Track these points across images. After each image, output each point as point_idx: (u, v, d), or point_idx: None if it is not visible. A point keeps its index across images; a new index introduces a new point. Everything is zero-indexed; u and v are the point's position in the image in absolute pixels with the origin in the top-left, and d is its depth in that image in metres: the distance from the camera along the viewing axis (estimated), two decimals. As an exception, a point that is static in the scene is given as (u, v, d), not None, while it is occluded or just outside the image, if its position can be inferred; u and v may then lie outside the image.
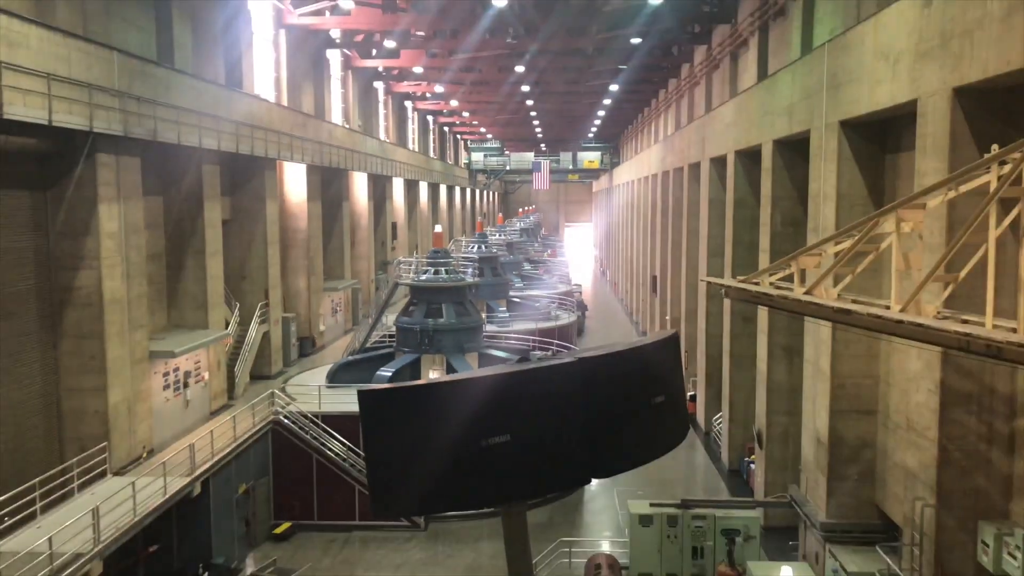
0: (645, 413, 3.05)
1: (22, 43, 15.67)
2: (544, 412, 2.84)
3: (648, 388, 3.05)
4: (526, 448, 2.84)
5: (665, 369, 3.17)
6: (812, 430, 18.49)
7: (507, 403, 2.83)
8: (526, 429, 2.84)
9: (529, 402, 2.84)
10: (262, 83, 33.35)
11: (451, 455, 2.82)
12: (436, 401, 2.83)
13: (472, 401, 2.84)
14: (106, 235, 19.06)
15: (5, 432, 16.96)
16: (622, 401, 2.95)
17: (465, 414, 2.82)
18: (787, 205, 21.80)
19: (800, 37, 22.11)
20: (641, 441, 3.08)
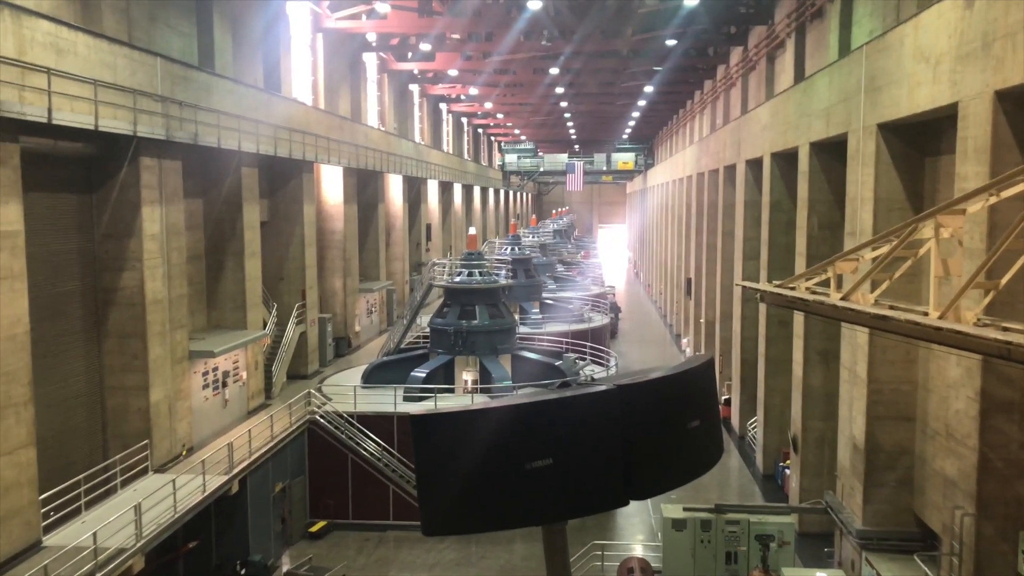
0: (681, 437, 3.13)
1: (70, 50, 16.08)
2: (585, 437, 2.94)
3: (685, 413, 3.14)
4: (568, 471, 2.95)
5: (701, 394, 3.25)
6: (848, 436, 18.30)
7: (550, 428, 2.94)
8: (568, 453, 2.95)
9: (571, 428, 2.94)
10: (300, 86, 33.79)
11: (497, 477, 2.93)
12: (484, 426, 2.94)
13: (517, 426, 2.95)
14: (148, 237, 19.47)
15: (52, 429, 17.40)
16: (659, 426, 3.04)
17: (511, 439, 2.93)
18: (824, 208, 21.60)
19: (838, 39, 21.91)
20: (677, 464, 3.17)
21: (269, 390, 27.33)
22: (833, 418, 20.80)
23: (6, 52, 14.25)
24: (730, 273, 33.89)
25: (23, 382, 15.06)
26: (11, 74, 14.35)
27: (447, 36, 40.53)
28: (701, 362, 3.29)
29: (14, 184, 14.89)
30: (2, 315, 14.48)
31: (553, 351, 31.35)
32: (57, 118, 15.44)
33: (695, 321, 44.28)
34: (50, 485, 16.22)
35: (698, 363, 3.28)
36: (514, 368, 27.58)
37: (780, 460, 26.37)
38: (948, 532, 13.51)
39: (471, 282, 28.43)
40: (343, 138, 33.87)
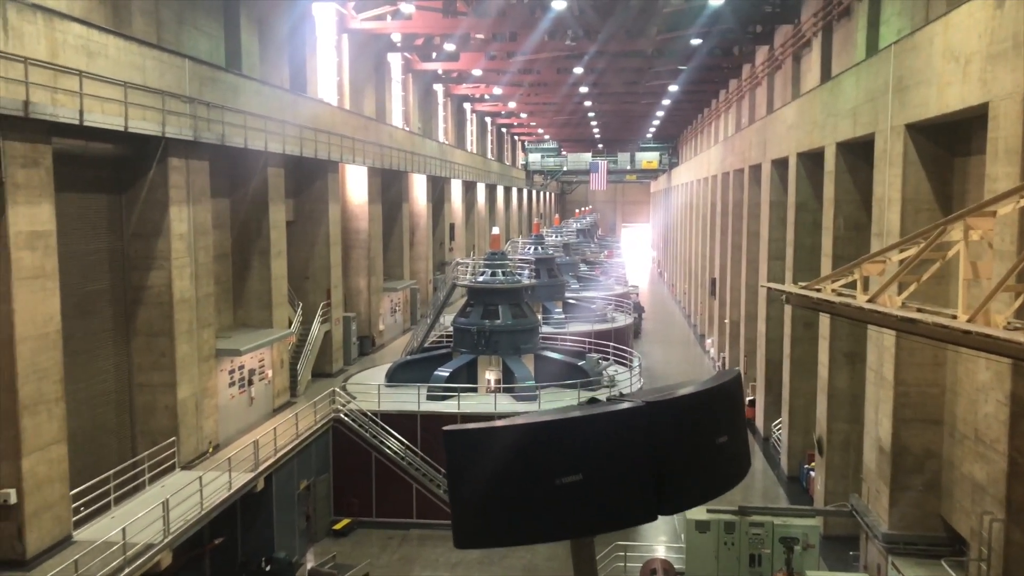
0: (709, 453, 3.17)
1: (101, 53, 16.32)
2: (614, 453, 2.98)
3: (713, 429, 3.17)
4: (597, 487, 2.99)
5: (729, 410, 3.28)
6: (874, 438, 18.14)
7: (580, 445, 2.99)
8: (597, 469, 2.99)
9: (600, 444, 2.99)
10: (325, 87, 34.02)
11: (528, 492, 2.98)
12: (515, 442, 2.99)
13: (548, 443, 3.00)
14: (176, 236, 19.70)
15: (82, 425, 17.68)
16: (687, 443, 3.08)
17: (541, 455, 2.98)
18: (850, 209, 21.42)
19: (865, 38, 21.70)
20: (705, 479, 3.20)
21: (294, 388, 27.55)
22: (859, 420, 20.62)
23: (39, 55, 14.50)
24: (755, 273, 33.69)
25: (55, 379, 15.32)
26: (44, 76, 14.59)
27: (471, 36, 40.61)
28: (729, 377, 3.32)
29: (46, 185, 15.15)
30: (35, 314, 14.74)
31: (576, 351, 31.33)
32: (88, 120, 15.68)
33: (719, 321, 44.05)
34: (80, 481, 16.49)
35: (726, 378, 3.30)
36: (537, 368, 27.61)
37: (805, 462, 26.19)
38: (976, 537, 13.36)
39: (494, 282, 28.49)
40: (368, 138, 34.06)
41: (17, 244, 14.35)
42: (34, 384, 14.74)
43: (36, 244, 14.82)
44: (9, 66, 13.79)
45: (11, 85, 13.82)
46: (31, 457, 14.67)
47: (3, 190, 14.10)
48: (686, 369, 45.82)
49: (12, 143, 14.25)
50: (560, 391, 25.82)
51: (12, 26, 13.93)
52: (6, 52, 13.73)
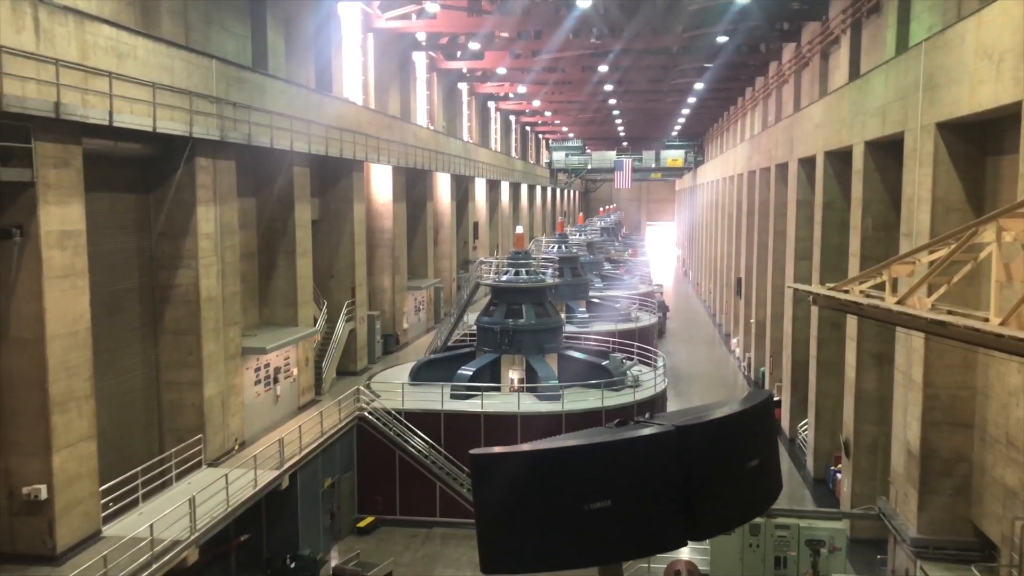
0: (740, 477, 3.09)
1: (130, 54, 16.50)
2: (643, 479, 2.92)
3: (744, 453, 3.10)
4: (626, 513, 2.92)
5: (760, 434, 3.20)
6: (903, 441, 17.91)
7: (609, 470, 2.93)
8: (626, 495, 2.92)
9: (629, 469, 2.92)
10: (350, 86, 34.17)
11: (555, 518, 2.92)
12: (543, 467, 2.93)
13: (576, 468, 2.94)
14: (203, 236, 19.88)
15: (110, 422, 17.90)
16: (718, 467, 3.00)
17: (569, 480, 2.92)
18: (879, 209, 21.15)
19: (895, 35, 21.42)
20: (735, 504, 3.13)
21: (319, 386, 27.72)
22: (887, 422, 20.36)
23: (70, 57, 14.68)
24: (781, 273, 33.39)
25: (84, 377, 15.53)
26: (74, 78, 14.78)
27: (496, 35, 40.59)
28: (760, 400, 3.25)
29: (77, 185, 15.35)
30: (65, 312, 14.94)
31: (600, 351, 31.23)
32: (118, 120, 15.85)
33: (745, 321, 43.72)
34: (109, 477, 16.70)
35: (757, 400, 3.23)
36: (560, 367, 27.56)
37: (831, 464, 25.92)
38: (1007, 543, 13.14)
39: (518, 281, 28.47)
40: (392, 137, 34.17)
41: (48, 243, 14.56)
42: (64, 382, 14.94)
43: (66, 243, 15.02)
44: (41, 68, 13.98)
45: (43, 87, 14.01)
46: (61, 454, 14.88)
47: (35, 190, 14.30)
48: (711, 370, 45.55)
49: (43, 144, 14.45)
50: (583, 391, 25.76)
51: (44, 28, 14.12)
52: (38, 54, 13.91)
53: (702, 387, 40.96)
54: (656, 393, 26.56)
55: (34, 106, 13.75)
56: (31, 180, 14.20)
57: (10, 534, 14.86)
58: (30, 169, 14.15)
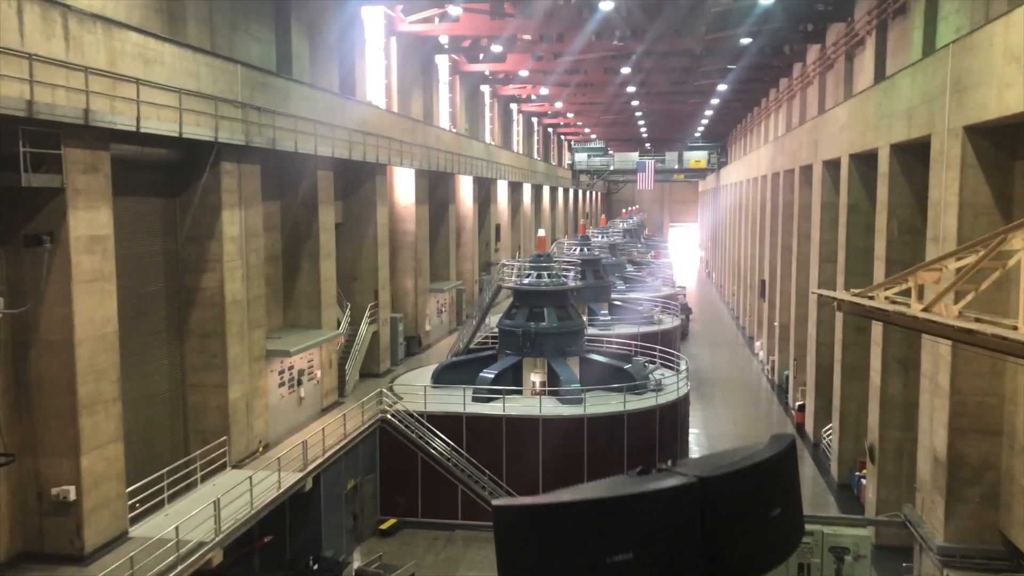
0: (763, 527, 3.07)
1: (157, 60, 16.71)
2: (665, 531, 2.91)
3: (767, 503, 3.07)
4: (648, 565, 2.92)
5: (783, 481, 3.17)
6: (929, 448, 17.71)
7: (631, 523, 2.92)
8: (648, 547, 2.91)
9: (652, 522, 2.91)
10: (373, 90, 34.34)
11: (577, 571, 2.92)
12: (565, 519, 2.92)
13: (598, 520, 2.93)
14: (228, 239, 20.07)
15: (137, 424, 18.12)
16: (741, 519, 2.98)
17: (591, 532, 2.91)
18: (905, 212, 20.94)
19: (922, 37, 21.19)
20: (758, 554, 3.11)
21: (342, 388, 27.88)
22: (912, 428, 20.15)
23: (98, 64, 14.89)
24: (805, 276, 33.14)
25: (112, 379, 15.74)
26: (103, 85, 14.99)
27: (518, 37, 40.62)
28: (783, 446, 3.21)
29: (104, 190, 15.57)
30: (93, 316, 15.16)
31: (622, 354, 31.16)
32: (145, 126, 16.05)
33: (769, 324, 43.42)
34: (136, 478, 16.91)
35: (780, 447, 3.20)
36: (582, 371, 27.53)
37: (856, 469, 25.68)
38: (1036, 553, 12.96)
39: (540, 284, 28.47)
40: (415, 140, 34.31)
41: (77, 248, 14.78)
42: (92, 384, 15.16)
43: (95, 248, 15.24)
44: (71, 75, 14.19)
45: (72, 94, 14.22)
46: (89, 455, 15.09)
47: (64, 196, 14.53)
48: (734, 373, 45.29)
49: (73, 150, 14.67)
50: (605, 394, 25.71)
51: (73, 36, 14.34)
52: (68, 62, 14.13)
53: (725, 391, 40.75)
54: (679, 397, 26.45)
55: (64, 113, 13.96)
56: (61, 186, 14.43)
57: (39, 534, 15.09)
58: (60, 175, 14.37)
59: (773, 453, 3.18)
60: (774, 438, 3.28)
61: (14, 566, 14.80)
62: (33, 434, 14.95)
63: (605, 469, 24.09)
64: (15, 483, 14.89)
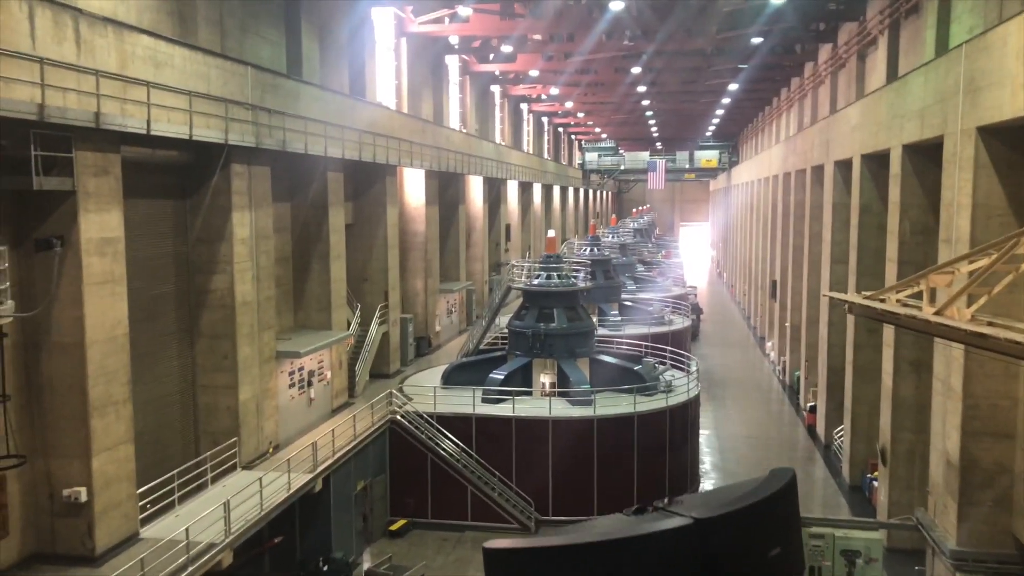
0: (760, 567, 2.99)
1: (168, 63, 16.76)
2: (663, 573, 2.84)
3: (765, 543, 2.99)
4: None
5: (782, 520, 3.08)
6: (941, 451, 17.58)
7: (627, 566, 2.86)
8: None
9: (648, 564, 2.85)
10: (384, 91, 34.37)
11: None
12: (560, 563, 2.87)
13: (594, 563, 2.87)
14: (238, 241, 20.13)
15: (147, 425, 18.19)
16: (739, 559, 2.91)
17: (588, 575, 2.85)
18: (917, 213, 20.80)
19: (935, 36, 21.04)
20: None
21: (352, 389, 27.92)
22: (925, 430, 20.03)
23: (109, 67, 14.95)
24: (817, 276, 32.99)
25: (122, 381, 15.80)
26: (114, 88, 15.04)
27: (529, 38, 40.58)
28: (782, 483, 3.13)
29: (115, 192, 15.63)
30: (104, 318, 15.22)
31: (632, 355, 31.08)
32: (155, 129, 16.11)
33: (780, 325, 43.25)
34: (146, 479, 16.98)
35: (779, 484, 3.12)
36: (592, 372, 27.47)
37: (868, 471, 25.54)
38: (1050, 558, 12.85)
39: (549, 285, 28.42)
40: (425, 141, 34.32)
41: (88, 250, 14.84)
42: (103, 386, 15.22)
43: (106, 250, 15.30)
44: (82, 79, 14.25)
45: (83, 97, 14.28)
46: (100, 457, 15.16)
47: (75, 199, 14.60)
48: (745, 374, 45.12)
49: (84, 153, 14.74)
50: (615, 396, 25.65)
51: (84, 40, 14.40)
52: (79, 65, 14.18)
53: (736, 392, 40.60)
54: (689, 398, 26.36)
55: (75, 116, 14.02)
56: (72, 189, 14.50)
57: (51, 535, 15.18)
58: (71, 178, 14.44)
59: (772, 491, 3.08)
60: (773, 473, 3.21)
61: (27, 567, 14.89)
62: (45, 436, 15.04)
63: (615, 470, 24.07)
64: (27, 484, 14.98)
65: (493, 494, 24.01)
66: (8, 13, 12.81)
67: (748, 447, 31.68)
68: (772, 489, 3.04)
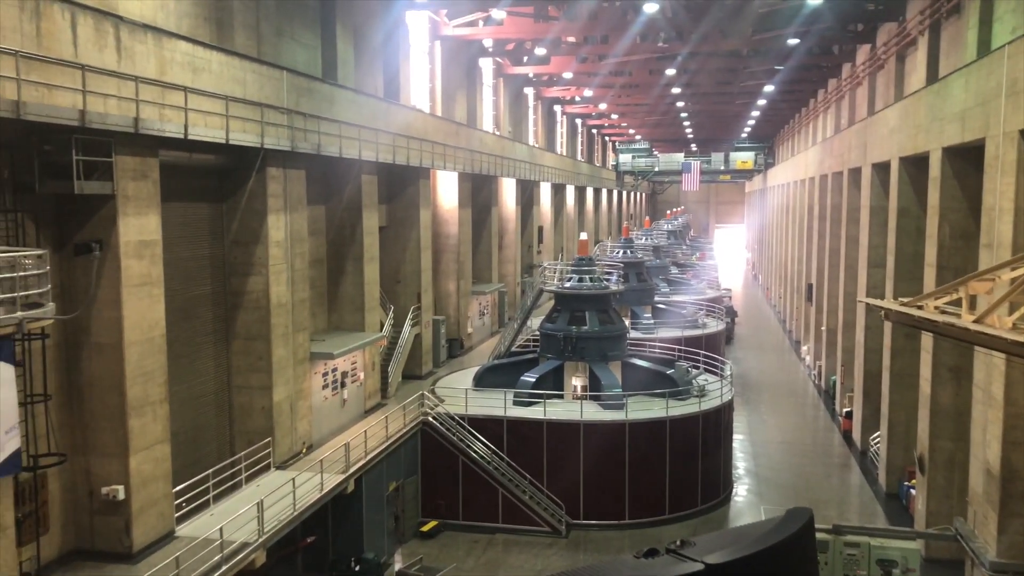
0: None
1: (205, 68, 17.02)
2: None
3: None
4: None
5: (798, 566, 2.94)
6: (982, 460, 17.23)
7: None
8: None
9: None
10: (418, 94, 34.55)
11: None
12: None
13: None
14: (273, 243, 20.36)
15: (183, 425, 18.47)
16: None
17: None
18: (957, 217, 20.42)
19: (976, 37, 20.63)
20: None
21: (385, 390, 28.09)
22: (964, 439, 19.65)
23: (148, 73, 15.21)
24: (854, 280, 32.52)
25: (159, 382, 16.07)
26: (152, 93, 15.30)
27: (563, 40, 40.53)
28: (799, 525, 2.99)
29: (153, 196, 15.91)
30: (142, 319, 15.49)
31: (665, 359, 30.88)
32: (192, 133, 16.36)
33: (816, 328, 42.71)
34: (182, 479, 17.23)
35: (796, 526, 2.98)
36: (624, 375, 27.35)
37: (905, 479, 25.11)
38: (1093, 572, 12.53)
39: (581, 288, 28.35)
40: (459, 144, 34.43)
41: (127, 253, 15.12)
42: (140, 386, 15.49)
43: (144, 253, 15.58)
44: (122, 85, 14.52)
45: (123, 103, 14.55)
46: (138, 456, 15.43)
47: (114, 202, 14.88)
48: (780, 378, 44.61)
49: (123, 157, 15.02)
50: (648, 400, 25.51)
51: (125, 46, 14.67)
52: (120, 72, 14.45)
53: (771, 396, 40.16)
54: (723, 403, 26.13)
55: (115, 122, 14.29)
56: (111, 193, 14.78)
57: (90, 532, 15.48)
58: (111, 182, 14.72)
59: (788, 534, 2.96)
60: (790, 513, 3.09)
61: (67, 563, 15.19)
62: (84, 434, 15.34)
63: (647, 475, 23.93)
64: (67, 482, 15.29)
65: (524, 497, 24.01)
66: (51, 21, 13.10)
67: (782, 452, 31.32)
68: (788, 532, 2.90)
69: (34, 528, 14.33)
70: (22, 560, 13.95)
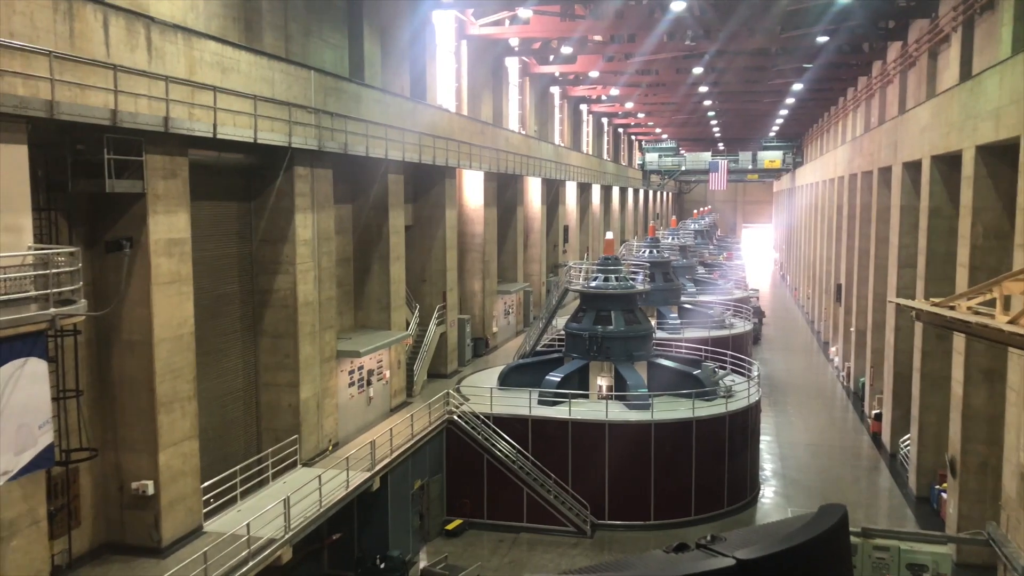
0: None
1: (234, 68, 17.17)
2: None
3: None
4: None
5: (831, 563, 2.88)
6: (1016, 464, 16.93)
7: None
8: None
9: None
10: (444, 93, 34.64)
11: None
12: None
13: None
14: (301, 242, 20.51)
15: (211, 422, 18.67)
16: None
17: None
18: (990, 217, 20.07)
19: (1011, 33, 20.28)
20: None
21: (410, 388, 28.20)
22: (997, 442, 19.31)
23: (178, 73, 15.38)
24: (883, 281, 32.11)
25: (188, 379, 16.25)
26: (182, 93, 15.47)
27: (589, 39, 40.44)
28: (833, 521, 2.93)
29: (183, 195, 16.08)
30: (171, 317, 15.67)
31: (691, 359, 30.69)
32: (221, 133, 16.51)
33: (845, 329, 42.23)
34: (210, 475, 17.41)
35: (829, 523, 2.92)
36: (650, 376, 27.21)
37: (936, 483, 24.75)
38: None
39: (607, 287, 28.25)
40: (485, 143, 34.47)
41: (156, 251, 15.30)
42: (169, 383, 15.68)
43: (173, 251, 15.76)
44: (152, 84, 14.69)
45: (153, 102, 14.72)
46: (167, 452, 15.62)
47: (145, 201, 15.06)
48: (808, 380, 44.18)
49: (153, 156, 15.20)
50: (674, 400, 25.37)
51: (155, 47, 14.84)
52: (150, 71, 14.62)
53: (799, 398, 39.77)
54: (750, 404, 25.92)
55: (146, 121, 14.46)
56: (142, 191, 14.96)
57: (121, 526, 15.69)
58: (141, 181, 14.90)
59: (821, 530, 2.90)
60: (823, 510, 3.03)
61: (97, 556, 15.42)
62: (115, 430, 15.55)
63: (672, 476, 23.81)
64: (98, 476, 15.51)
65: (549, 496, 23.98)
66: (84, 22, 13.28)
67: (810, 454, 31.01)
68: (821, 528, 2.84)
69: (66, 522, 14.56)
70: (54, 553, 14.18)
